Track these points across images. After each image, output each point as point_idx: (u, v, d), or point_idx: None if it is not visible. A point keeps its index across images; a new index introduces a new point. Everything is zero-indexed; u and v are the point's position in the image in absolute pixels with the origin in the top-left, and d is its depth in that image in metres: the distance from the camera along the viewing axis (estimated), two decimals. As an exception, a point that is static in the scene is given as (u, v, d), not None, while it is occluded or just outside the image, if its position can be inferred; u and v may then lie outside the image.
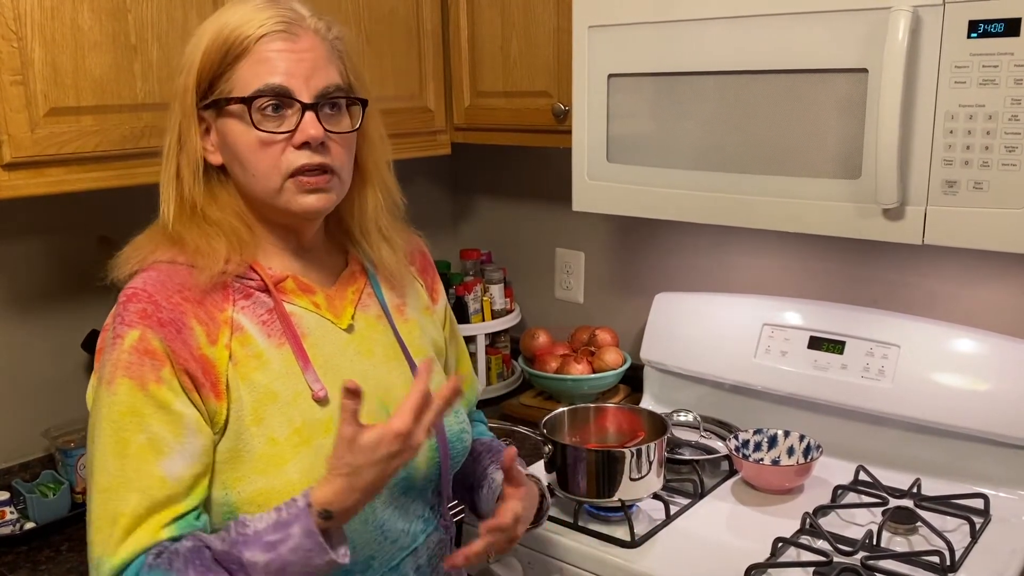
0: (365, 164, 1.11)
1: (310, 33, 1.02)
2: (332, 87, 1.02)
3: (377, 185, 1.12)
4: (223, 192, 1.05)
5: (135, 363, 0.95)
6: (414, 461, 1.08)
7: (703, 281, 1.91)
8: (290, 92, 0.99)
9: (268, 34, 1.00)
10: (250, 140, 1.00)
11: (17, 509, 1.52)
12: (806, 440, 1.58)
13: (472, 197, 2.34)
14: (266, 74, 0.99)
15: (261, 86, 0.99)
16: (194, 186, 1.03)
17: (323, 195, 1.02)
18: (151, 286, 0.98)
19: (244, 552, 0.91)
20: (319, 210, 1.03)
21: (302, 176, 1.00)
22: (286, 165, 1.00)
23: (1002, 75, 1.15)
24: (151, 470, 0.94)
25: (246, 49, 0.99)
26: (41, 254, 1.64)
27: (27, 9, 1.24)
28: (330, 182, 1.02)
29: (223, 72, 1.00)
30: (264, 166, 1.01)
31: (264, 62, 0.99)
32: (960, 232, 1.23)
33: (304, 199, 1.01)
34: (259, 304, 1.04)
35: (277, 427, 1.00)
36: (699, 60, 1.41)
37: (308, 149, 1.00)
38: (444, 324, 1.26)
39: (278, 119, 1.00)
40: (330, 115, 1.02)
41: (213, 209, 1.04)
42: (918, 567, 1.27)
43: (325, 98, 1.01)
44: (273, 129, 0.99)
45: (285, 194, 1.01)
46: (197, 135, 1.03)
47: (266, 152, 1.00)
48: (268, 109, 0.99)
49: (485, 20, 1.80)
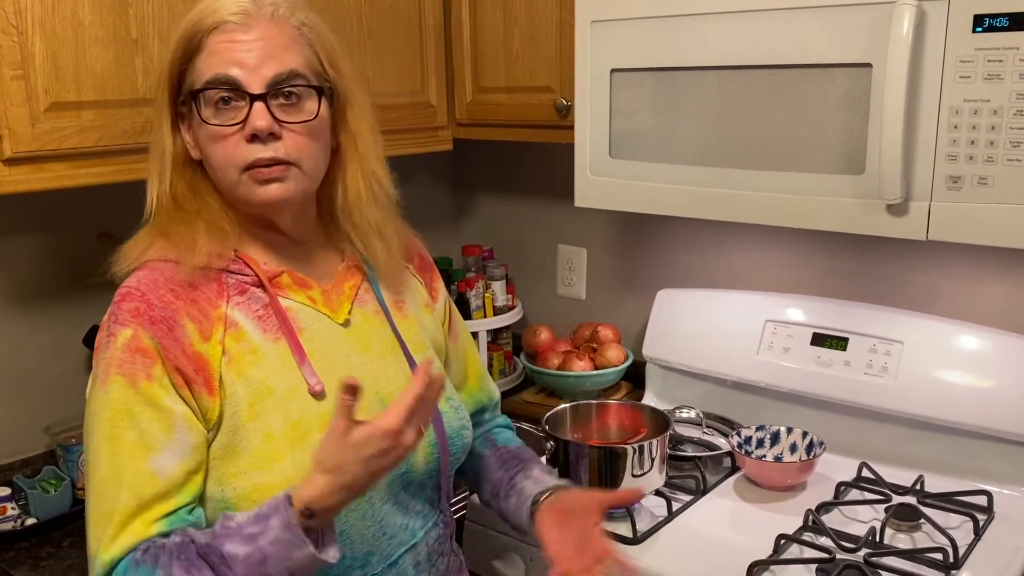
0: (345, 149, 1.08)
1: (265, 21, 1.00)
2: (285, 74, 0.99)
3: (362, 171, 1.09)
4: (204, 185, 1.05)
5: (127, 361, 0.96)
6: (413, 457, 1.08)
7: (706, 277, 1.90)
8: (237, 83, 0.98)
9: (219, 25, 0.99)
10: (205, 134, 1.00)
11: (18, 505, 1.53)
12: (809, 437, 1.57)
13: (474, 193, 2.33)
14: (216, 65, 0.98)
15: (211, 77, 0.98)
16: (174, 180, 1.03)
17: (280, 185, 1.00)
18: (144, 284, 0.99)
19: (225, 544, 0.91)
20: (278, 200, 1.01)
21: (255, 168, 0.99)
22: (240, 159, 0.99)
23: (1007, 70, 1.15)
24: (141, 467, 0.94)
25: (201, 43, 0.99)
26: (42, 249, 1.63)
27: (28, 3, 1.24)
28: (286, 172, 1.00)
29: (186, 67, 1.01)
30: (219, 159, 1.00)
31: (215, 54, 0.99)
32: (964, 228, 1.22)
33: (262, 190, 1.00)
34: (254, 299, 1.04)
35: (273, 422, 0.99)
36: (702, 55, 1.40)
37: (259, 142, 0.98)
38: (444, 322, 1.26)
39: (231, 111, 0.99)
40: (287, 104, 1.00)
41: (193, 202, 1.04)
42: (921, 564, 1.26)
43: (277, 86, 0.99)
44: (222, 122, 0.99)
45: (243, 187, 1.00)
46: (169, 131, 1.03)
47: (221, 145, 0.99)
48: (220, 102, 0.98)
49: (487, 15, 1.79)
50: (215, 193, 1.05)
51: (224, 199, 1.05)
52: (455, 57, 1.86)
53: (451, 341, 1.26)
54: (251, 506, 0.96)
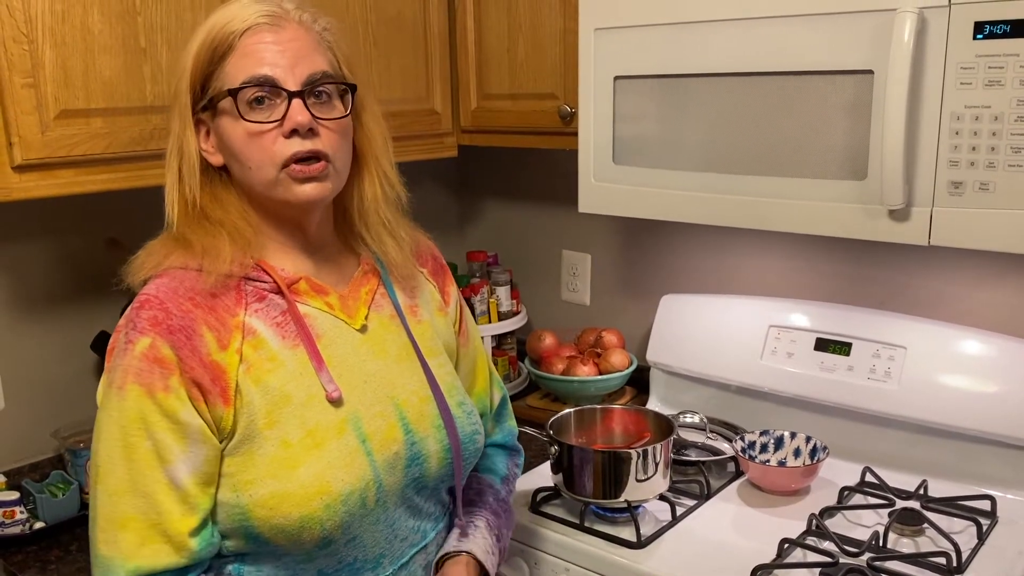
0: (363, 152, 1.11)
1: (294, 24, 1.03)
2: (318, 74, 1.02)
3: (376, 173, 1.11)
4: (225, 193, 1.06)
5: (145, 370, 0.96)
6: (427, 462, 1.09)
7: (709, 283, 1.91)
8: (275, 81, 1.00)
9: (251, 27, 1.00)
10: (241, 133, 1.01)
11: (27, 509, 1.53)
12: (812, 441, 1.58)
13: (478, 199, 2.34)
14: (252, 66, 1.00)
15: (247, 77, 0.99)
16: (196, 188, 1.04)
17: (318, 184, 1.02)
18: (163, 293, 0.99)
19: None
20: (316, 199, 1.03)
21: (295, 165, 1.00)
22: (279, 155, 1.00)
23: (1008, 76, 1.15)
24: (157, 476, 0.95)
25: (231, 45, 1.00)
26: (51, 256, 1.65)
27: (38, 12, 1.25)
28: (324, 170, 1.02)
29: (213, 71, 1.01)
30: (257, 158, 1.01)
31: (249, 55, 1.00)
32: (966, 233, 1.23)
33: (300, 188, 1.01)
34: (273, 306, 1.04)
35: (290, 429, 1.00)
36: (705, 62, 1.41)
37: (298, 136, 1.00)
38: (455, 324, 1.26)
39: (266, 110, 1.00)
40: (319, 103, 1.02)
41: (215, 210, 1.04)
42: (925, 569, 1.27)
43: (312, 85, 1.01)
44: (261, 119, 1.00)
45: (281, 185, 1.02)
46: (194, 137, 1.03)
47: (258, 143, 1.00)
48: (255, 100, 1.00)
49: (492, 22, 1.80)
50: (236, 201, 1.05)
51: (243, 206, 1.06)
52: (460, 64, 1.87)
53: (462, 344, 1.26)
54: (266, 513, 0.97)
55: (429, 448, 1.10)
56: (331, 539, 1.00)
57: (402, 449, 1.07)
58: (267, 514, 0.97)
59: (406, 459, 1.07)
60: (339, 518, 0.99)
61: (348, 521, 1.01)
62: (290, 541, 0.98)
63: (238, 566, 1.02)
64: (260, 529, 0.98)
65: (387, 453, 1.05)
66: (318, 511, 0.98)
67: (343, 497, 1.00)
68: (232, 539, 1.01)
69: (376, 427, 1.05)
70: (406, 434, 1.08)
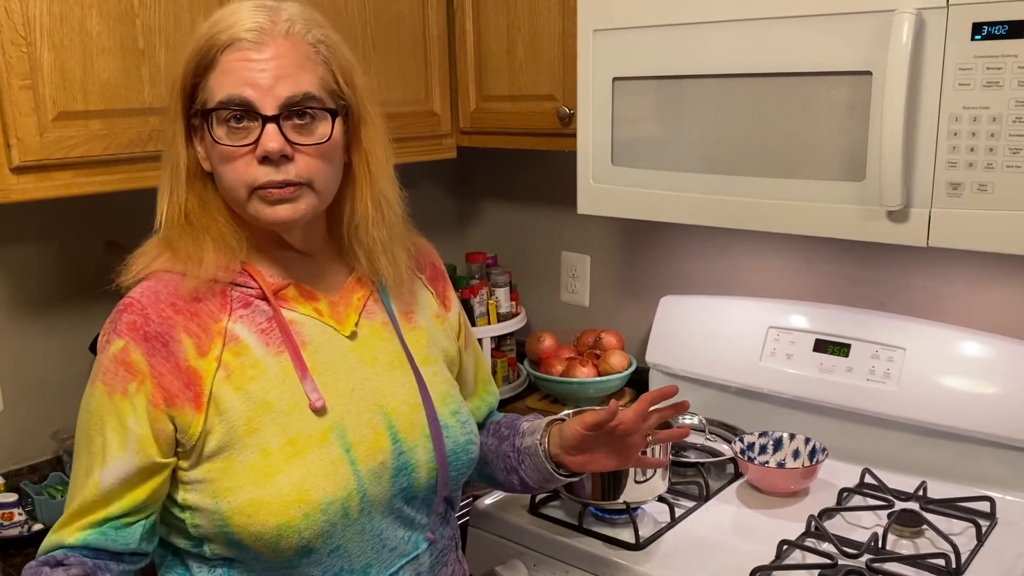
0: (357, 170, 1.06)
1: (280, 39, 0.98)
2: (299, 95, 0.97)
3: (369, 195, 1.06)
4: (214, 199, 1.04)
5: (111, 371, 0.98)
6: (416, 472, 1.07)
7: (708, 284, 1.91)
8: (251, 104, 0.96)
9: (233, 43, 0.97)
10: (216, 153, 0.99)
11: (25, 511, 1.53)
12: (811, 443, 1.58)
13: (478, 200, 2.34)
14: (230, 85, 0.97)
15: (224, 97, 0.97)
16: (182, 195, 1.03)
17: (290, 205, 0.99)
18: (146, 297, 1.00)
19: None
20: (288, 220, 1.00)
21: (265, 189, 0.98)
22: (251, 179, 0.98)
23: (1006, 77, 1.16)
24: (92, 472, 0.99)
25: (214, 60, 0.98)
26: (49, 257, 1.65)
27: (36, 14, 1.25)
28: (295, 192, 0.98)
29: (199, 81, 1.00)
30: (229, 179, 0.99)
31: (227, 72, 0.97)
32: (965, 234, 1.23)
33: (271, 210, 0.99)
34: (258, 312, 1.03)
35: (270, 437, 0.99)
36: (703, 63, 1.41)
37: (270, 164, 0.97)
38: (458, 333, 1.24)
39: (242, 131, 0.97)
40: (300, 124, 0.98)
41: (202, 215, 1.03)
42: (924, 570, 1.27)
43: (291, 108, 0.97)
44: (234, 143, 0.97)
45: (252, 206, 0.99)
46: (184, 144, 1.02)
47: (231, 166, 0.98)
48: (232, 121, 0.97)
49: (491, 25, 1.80)
50: (224, 208, 1.04)
51: (230, 213, 1.04)
52: (459, 66, 1.87)
53: (465, 353, 1.25)
54: (245, 520, 0.97)
55: (418, 458, 1.07)
56: (311, 548, 0.99)
57: (389, 459, 1.05)
58: (245, 521, 0.96)
59: (393, 469, 1.05)
60: (318, 527, 0.98)
61: (329, 530, 0.99)
62: (269, 549, 0.98)
63: (226, 570, 1.02)
64: (239, 536, 0.97)
65: (372, 463, 1.03)
66: (296, 519, 0.97)
67: (323, 506, 0.98)
68: (215, 544, 1.01)
69: (362, 436, 1.03)
70: (394, 443, 1.06)
